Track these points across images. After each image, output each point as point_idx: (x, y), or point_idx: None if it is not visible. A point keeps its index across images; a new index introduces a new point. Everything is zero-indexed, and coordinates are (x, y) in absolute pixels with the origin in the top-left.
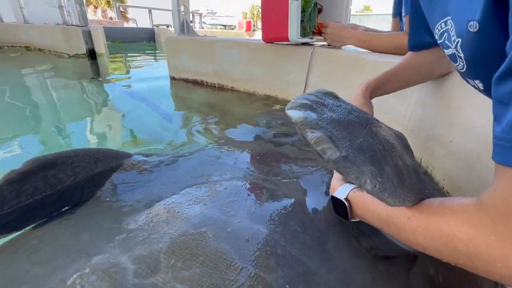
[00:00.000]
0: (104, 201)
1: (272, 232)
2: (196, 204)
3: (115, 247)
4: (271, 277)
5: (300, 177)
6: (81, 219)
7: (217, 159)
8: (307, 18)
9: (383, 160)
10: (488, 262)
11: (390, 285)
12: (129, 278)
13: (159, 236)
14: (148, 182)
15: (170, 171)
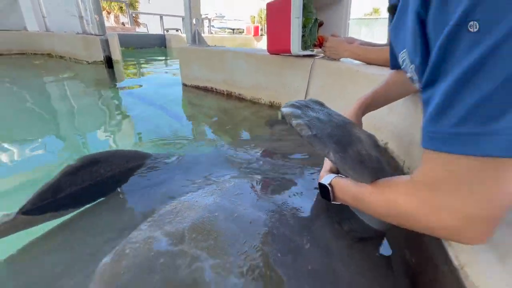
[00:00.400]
0: (135, 192)
1: (270, 218)
2: (210, 196)
3: (150, 226)
4: (268, 249)
5: (295, 174)
6: (120, 205)
7: (225, 159)
8: (308, 33)
9: (347, 145)
10: (417, 219)
11: (363, 260)
12: (162, 246)
13: (182, 218)
14: (168, 178)
15: (185, 169)
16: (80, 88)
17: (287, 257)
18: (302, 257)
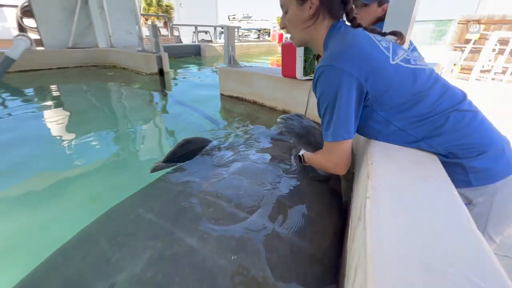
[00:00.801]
0: (204, 161)
1: (272, 173)
2: (238, 164)
3: (214, 184)
4: (270, 181)
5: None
6: (196, 169)
7: (248, 147)
8: (308, 65)
9: (302, 136)
10: (326, 166)
11: (316, 187)
12: (218, 197)
13: (231, 179)
14: (221, 155)
15: (228, 152)
16: (140, 92)
17: (282, 185)
18: (289, 185)
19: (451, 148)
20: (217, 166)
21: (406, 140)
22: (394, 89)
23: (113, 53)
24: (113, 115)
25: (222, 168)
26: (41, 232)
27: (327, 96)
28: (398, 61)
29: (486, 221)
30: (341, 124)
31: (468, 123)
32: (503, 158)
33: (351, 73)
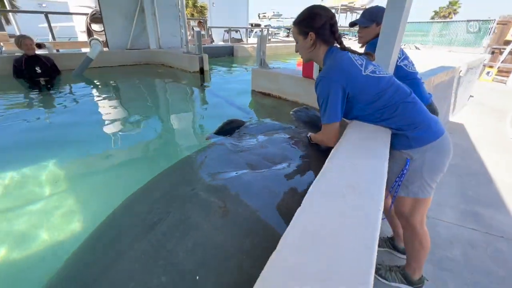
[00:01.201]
0: (241, 135)
1: (289, 147)
2: (266, 141)
3: (248, 149)
4: (289, 145)
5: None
6: (236, 140)
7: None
8: None
9: (307, 122)
10: (323, 141)
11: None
12: (254, 154)
13: (259, 147)
14: (252, 132)
15: (257, 130)
16: (184, 86)
17: (293, 152)
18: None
19: (399, 125)
20: (249, 139)
21: (373, 120)
22: (365, 90)
23: (162, 54)
24: (160, 104)
25: (253, 139)
26: (99, 197)
27: (323, 95)
28: (368, 73)
29: (422, 171)
30: (331, 112)
31: (410, 110)
32: (430, 131)
33: (337, 81)
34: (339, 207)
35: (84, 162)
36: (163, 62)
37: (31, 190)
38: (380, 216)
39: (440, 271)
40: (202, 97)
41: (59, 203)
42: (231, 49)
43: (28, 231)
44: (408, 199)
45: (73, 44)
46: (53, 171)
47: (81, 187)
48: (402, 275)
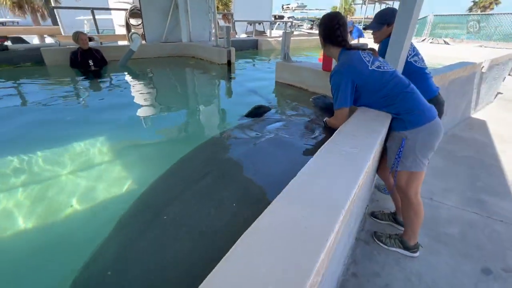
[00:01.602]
0: (267, 119)
1: (307, 129)
2: (285, 126)
3: (272, 131)
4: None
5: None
6: (262, 123)
7: (292, 114)
8: None
9: (323, 108)
10: (335, 124)
11: None
12: (276, 134)
13: (282, 128)
14: (277, 117)
15: (281, 116)
16: (212, 77)
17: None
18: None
19: (398, 110)
20: (274, 121)
21: (377, 107)
22: (370, 82)
23: (193, 47)
24: (193, 91)
25: (277, 122)
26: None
27: (335, 85)
28: (374, 68)
29: (414, 148)
30: (341, 99)
31: (408, 98)
32: (423, 115)
33: (347, 74)
34: (339, 158)
35: (128, 139)
36: (194, 54)
37: (88, 159)
38: (366, 162)
39: (436, 243)
40: (230, 86)
41: (111, 169)
42: (255, 42)
43: (89, 188)
44: (404, 173)
45: (114, 37)
46: (103, 144)
47: (129, 158)
48: (400, 241)
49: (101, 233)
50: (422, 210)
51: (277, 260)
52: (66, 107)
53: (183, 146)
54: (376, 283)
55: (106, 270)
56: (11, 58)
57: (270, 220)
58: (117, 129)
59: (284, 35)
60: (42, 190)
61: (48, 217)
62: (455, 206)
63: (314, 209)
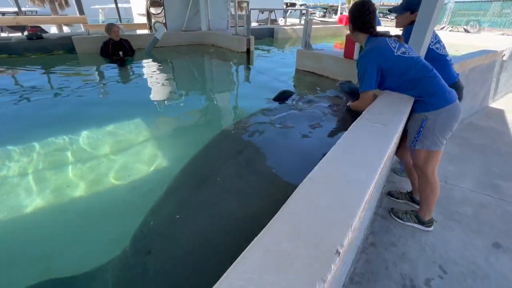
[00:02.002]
0: (291, 103)
1: (328, 111)
2: (309, 112)
3: (295, 113)
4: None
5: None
6: (286, 107)
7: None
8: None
9: (349, 92)
10: (359, 107)
11: None
12: (300, 114)
13: (306, 112)
14: (303, 102)
15: (304, 100)
16: (233, 65)
17: (337, 115)
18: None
19: (420, 94)
20: (298, 105)
21: (400, 90)
22: (395, 67)
23: (213, 35)
24: (215, 79)
25: (301, 106)
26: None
27: (362, 69)
28: (399, 53)
29: (434, 128)
30: (367, 82)
31: (430, 83)
32: (444, 98)
33: (373, 60)
34: (367, 133)
35: (162, 121)
36: (214, 42)
37: (129, 138)
38: (394, 135)
39: (449, 220)
40: (251, 74)
41: (145, 148)
42: (271, 31)
43: (128, 164)
44: (422, 151)
45: (136, 25)
46: (141, 125)
47: (158, 138)
48: (415, 216)
49: (154, 197)
50: (438, 187)
51: (330, 201)
52: (97, 92)
53: (214, 127)
54: (393, 251)
55: (164, 225)
56: (45, 46)
57: (321, 173)
58: (150, 112)
59: (306, 24)
60: (105, 162)
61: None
62: (469, 188)
63: (355, 168)
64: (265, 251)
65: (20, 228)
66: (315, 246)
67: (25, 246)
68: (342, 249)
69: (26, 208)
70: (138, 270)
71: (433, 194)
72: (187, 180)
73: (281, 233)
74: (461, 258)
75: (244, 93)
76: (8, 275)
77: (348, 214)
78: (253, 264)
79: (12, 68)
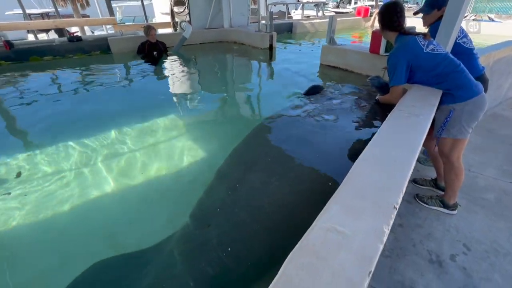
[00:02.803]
0: (322, 96)
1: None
2: (339, 104)
3: (326, 104)
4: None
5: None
6: (318, 100)
7: (343, 95)
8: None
9: (378, 86)
10: (390, 100)
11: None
12: (332, 105)
13: (335, 104)
14: (332, 95)
15: (335, 94)
16: (253, 61)
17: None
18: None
19: (448, 87)
20: (329, 99)
21: (429, 84)
22: (424, 63)
23: (236, 32)
24: (238, 75)
25: (332, 100)
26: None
27: (392, 66)
28: (428, 50)
29: (461, 119)
30: (397, 77)
31: (458, 77)
32: (471, 90)
33: (403, 57)
34: (404, 122)
35: (197, 116)
36: (236, 39)
37: (165, 132)
38: (428, 123)
39: (473, 205)
40: (275, 69)
41: (183, 142)
42: (290, 25)
43: (172, 155)
44: (448, 140)
45: (161, 24)
46: (176, 120)
47: (194, 132)
48: (440, 201)
49: (199, 182)
50: (462, 173)
51: (382, 174)
52: (135, 88)
53: (249, 121)
54: (420, 232)
55: (220, 203)
56: (83, 47)
57: (371, 154)
58: (186, 107)
59: (331, 19)
60: (151, 154)
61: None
62: (492, 176)
63: (398, 150)
64: (341, 205)
65: (90, 211)
66: (377, 204)
67: (95, 227)
68: (398, 205)
69: (93, 194)
70: (200, 241)
71: (458, 179)
72: (237, 164)
73: (349, 195)
74: (485, 238)
75: (272, 88)
76: (86, 250)
77: (399, 182)
78: (334, 213)
79: (60, 69)
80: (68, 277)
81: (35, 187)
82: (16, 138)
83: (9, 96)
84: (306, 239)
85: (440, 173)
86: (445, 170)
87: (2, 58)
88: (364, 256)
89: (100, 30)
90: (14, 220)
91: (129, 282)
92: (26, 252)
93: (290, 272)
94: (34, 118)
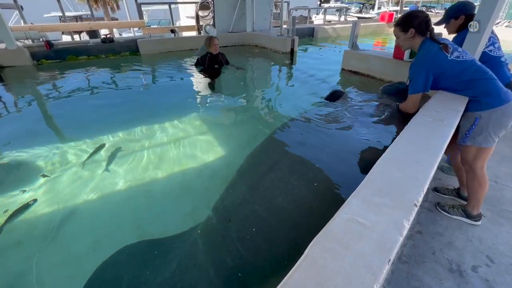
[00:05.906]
0: (341, 103)
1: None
2: (358, 108)
3: (348, 109)
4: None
5: None
6: (337, 105)
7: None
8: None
9: (392, 94)
10: (407, 108)
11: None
12: (351, 110)
13: (356, 109)
14: (355, 101)
15: (357, 99)
16: (274, 65)
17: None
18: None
19: (475, 94)
20: (350, 104)
21: (454, 91)
22: (449, 71)
23: (257, 37)
24: (260, 78)
25: (352, 105)
26: None
27: (414, 74)
28: (453, 58)
29: (487, 127)
30: (416, 86)
31: (487, 84)
32: (499, 98)
33: (425, 65)
34: (426, 127)
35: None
36: (258, 43)
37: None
38: (451, 128)
39: (498, 217)
40: (296, 73)
41: (205, 140)
42: (311, 30)
43: (194, 153)
44: (473, 148)
45: (186, 28)
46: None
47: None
48: (463, 211)
49: (219, 178)
50: (487, 182)
51: (403, 174)
52: (159, 88)
53: (269, 123)
54: (440, 240)
55: (241, 199)
56: (115, 48)
57: (391, 156)
58: (210, 107)
59: (354, 25)
60: (175, 151)
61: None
62: None
63: (420, 153)
64: (362, 200)
65: (120, 202)
66: (397, 200)
67: (124, 216)
68: (419, 203)
69: (120, 187)
70: (221, 233)
71: (481, 189)
72: (257, 163)
73: (369, 191)
74: (510, 251)
75: (292, 91)
76: (115, 236)
77: (420, 181)
78: (355, 207)
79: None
80: (99, 258)
81: (71, 176)
82: (59, 130)
83: (52, 92)
84: (328, 227)
85: (463, 183)
86: (467, 179)
87: (43, 57)
88: (384, 246)
89: (127, 32)
90: (52, 206)
91: (154, 267)
92: (62, 234)
93: (315, 254)
94: (72, 113)
